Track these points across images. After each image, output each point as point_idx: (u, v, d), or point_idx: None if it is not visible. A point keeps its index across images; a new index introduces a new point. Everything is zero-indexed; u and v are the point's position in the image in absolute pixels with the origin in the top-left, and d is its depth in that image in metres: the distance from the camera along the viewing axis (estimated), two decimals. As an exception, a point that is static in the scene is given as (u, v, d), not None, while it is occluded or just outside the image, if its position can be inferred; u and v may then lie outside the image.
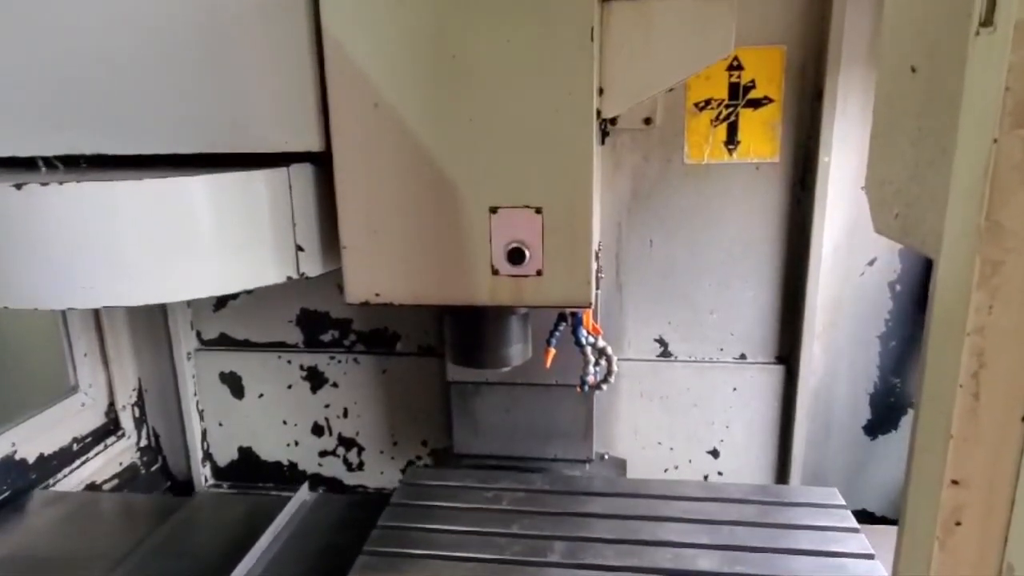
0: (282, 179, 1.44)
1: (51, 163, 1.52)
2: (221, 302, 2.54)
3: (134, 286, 1.35)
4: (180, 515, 1.98)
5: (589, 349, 1.76)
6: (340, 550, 1.66)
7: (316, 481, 2.67)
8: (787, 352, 2.30)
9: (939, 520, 0.58)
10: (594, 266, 1.47)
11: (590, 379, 1.80)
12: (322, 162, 1.48)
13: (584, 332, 1.74)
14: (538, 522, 1.73)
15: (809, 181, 2.10)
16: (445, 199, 1.45)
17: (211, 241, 1.38)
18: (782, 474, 2.39)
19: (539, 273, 1.47)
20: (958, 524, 0.57)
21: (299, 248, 1.50)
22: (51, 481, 2.28)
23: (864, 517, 2.41)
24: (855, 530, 1.69)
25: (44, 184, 1.29)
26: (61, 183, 1.30)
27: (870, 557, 1.58)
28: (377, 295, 1.54)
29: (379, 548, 1.64)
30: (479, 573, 1.55)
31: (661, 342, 2.35)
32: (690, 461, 2.43)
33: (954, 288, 0.60)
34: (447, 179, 1.43)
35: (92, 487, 2.42)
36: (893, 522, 2.37)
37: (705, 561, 1.58)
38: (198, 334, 2.59)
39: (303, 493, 1.98)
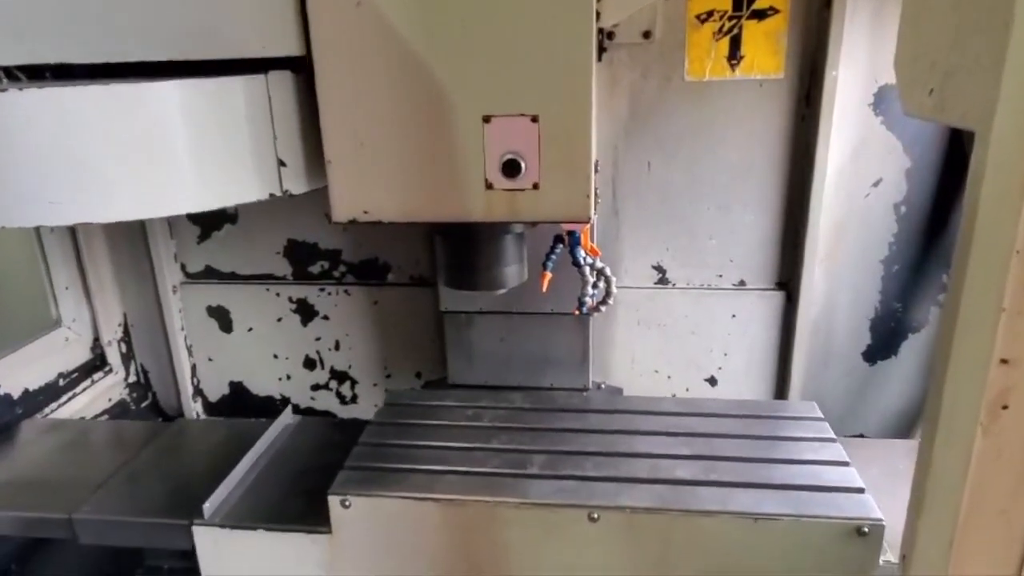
0: (260, 87, 1.34)
1: (12, 74, 1.42)
2: (205, 233, 2.46)
3: (105, 202, 1.27)
4: (162, 440, 1.96)
5: (588, 269, 1.70)
6: (322, 470, 1.65)
7: (309, 415, 2.64)
8: (788, 278, 2.25)
9: (984, 403, 0.52)
10: (594, 178, 1.40)
11: (588, 301, 1.75)
12: (303, 69, 1.38)
13: (582, 252, 1.67)
14: (518, 438, 1.74)
15: (815, 97, 2.02)
16: (435, 107, 1.36)
17: (186, 154, 1.29)
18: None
19: (535, 187, 1.40)
20: (1005, 408, 0.52)
21: (281, 163, 1.42)
22: (38, 416, 2.23)
23: (861, 443, 2.41)
24: (832, 440, 1.71)
25: (3, 91, 1.20)
26: (21, 89, 1.21)
27: (845, 464, 1.60)
28: (365, 212, 1.47)
29: (360, 464, 1.64)
30: (459, 486, 1.56)
31: (659, 269, 2.29)
32: (687, 389, 2.41)
33: (1010, 148, 0.54)
34: (437, 85, 1.34)
35: (81, 423, 2.39)
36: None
37: (682, 471, 1.59)
38: (182, 267, 2.51)
39: (286, 416, 1.97)
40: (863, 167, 2.13)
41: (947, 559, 0.60)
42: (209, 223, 2.45)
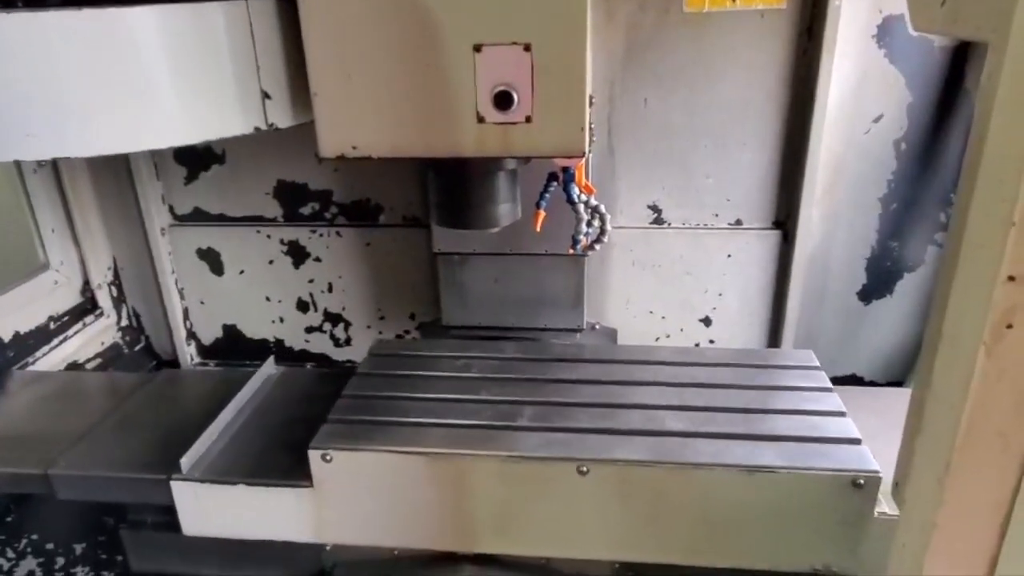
0: (241, 13, 1.29)
1: (-19, 2, 1.35)
2: (192, 174, 2.41)
3: (84, 135, 1.23)
4: (146, 392, 1.92)
5: (582, 207, 1.67)
6: (305, 422, 1.61)
7: (304, 357, 2.64)
8: (784, 216, 2.22)
9: (988, 323, 0.51)
10: (588, 111, 1.36)
11: (583, 239, 1.72)
12: (285, -6, 1.33)
13: (576, 189, 1.64)
14: (508, 388, 1.69)
15: (817, 29, 1.95)
16: (424, 35, 1.31)
17: (165, 84, 1.25)
18: (774, 341, 2.38)
19: (528, 120, 1.36)
20: (1009, 327, 0.51)
21: (265, 95, 1.37)
22: (30, 359, 2.23)
23: (854, 382, 2.42)
24: (829, 389, 1.68)
25: (-30, 17, 1.15)
26: (-11, 16, 1.16)
27: (842, 415, 1.57)
28: (354, 148, 1.43)
29: (343, 417, 1.60)
30: (446, 439, 1.51)
31: (654, 208, 2.26)
32: (681, 330, 2.41)
33: (1027, 53, 0.51)
34: (426, 12, 1.29)
35: (74, 366, 2.38)
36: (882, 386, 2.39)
37: (676, 422, 1.55)
38: (170, 209, 2.47)
39: (268, 367, 1.92)
40: (864, 102, 2.08)
41: (943, 482, 0.60)
42: (196, 164, 2.39)
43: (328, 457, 1.50)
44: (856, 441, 1.48)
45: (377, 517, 1.55)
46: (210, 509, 1.58)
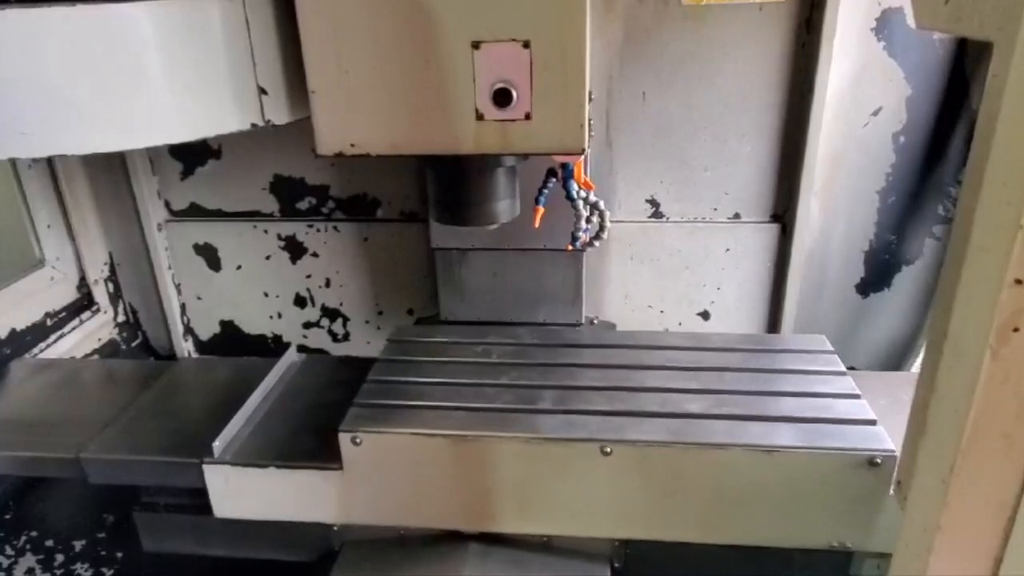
0: (237, 9, 1.28)
1: (-27, -2, 1.34)
2: (188, 169, 2.40)
3: (79, 132, 1.22)
4: (166, 378, 1.95)
5: (581, 204, 1.67)
6: (330, 407, 1.65)
7: (302, 352, 2.63)
8: (783, 210, 2.22)
9: (994, 326, 0.51)
10: (587, 108, 1.35)
11: (582, 236, 1.72)
12: (282, -10, 1.32)
13: (575, 185, 1.63)
14: (527, 373, 1.72)
15: (816, 21, 1.95)
16: (422, 32, 1.30)
17: (160, 81, 1.24)
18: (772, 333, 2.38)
19: (527, 117, 1.35)
20: (1016, 330, 0.51)
21: (262, 91, 1.36)
22: (27, 356, 2.22)
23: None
24: (842, 373, 1.70)
25: (-37, 14, 1.14)
26: (-18, 13, 1.14)
27: (856, 397, 1.59)
28: (352, 145, 1.42)
29: (369, 401, 1.63)
30: (470, 422, 1.55)
31: (653, 202, 2.26)
32: (680, 324, 2.41)
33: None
34: (424, 8, 1.28)
35: (72, 362, 2.37)
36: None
37: (694, 405, 1.58)
38: (166, 204, 2.46)
39: (291, 355, 1.95)
40: (863, 95, 2.07)
41: (947, 484, 0.60)
42: (192, 159, 2.38)
43: (357, 439, 1.53)
44: (871, 422, 1.50)
45: (405, 498, 1.59)
46: (241, 492, 1.62)
